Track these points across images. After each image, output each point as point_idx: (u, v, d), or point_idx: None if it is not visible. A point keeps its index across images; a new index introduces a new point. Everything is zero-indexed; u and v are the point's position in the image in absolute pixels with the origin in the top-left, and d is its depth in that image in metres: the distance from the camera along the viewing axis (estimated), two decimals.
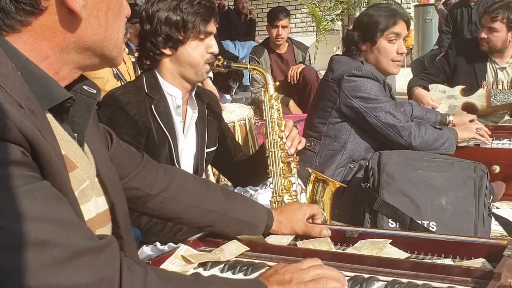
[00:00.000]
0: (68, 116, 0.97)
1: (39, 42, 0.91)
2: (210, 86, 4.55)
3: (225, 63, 1.96)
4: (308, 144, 2.66)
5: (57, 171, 0.85)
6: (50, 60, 0.93)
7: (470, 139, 2.77)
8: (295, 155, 1.90)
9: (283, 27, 5.27)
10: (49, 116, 0.91)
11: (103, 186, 1.08)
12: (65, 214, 0.82)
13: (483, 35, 3.60)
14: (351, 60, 2.66)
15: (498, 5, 3.60)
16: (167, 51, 1.92)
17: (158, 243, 1.85)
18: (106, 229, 1.08)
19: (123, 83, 3.53)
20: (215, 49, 1.96)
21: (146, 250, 1.84)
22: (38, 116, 0.85)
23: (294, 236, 1.50)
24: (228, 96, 6.57)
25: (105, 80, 3.66)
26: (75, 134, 0.98)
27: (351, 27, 2.95)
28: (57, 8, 0.90)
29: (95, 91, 1.03)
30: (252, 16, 8.23)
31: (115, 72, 4.01)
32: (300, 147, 1.92)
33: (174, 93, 1.95)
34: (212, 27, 1.95)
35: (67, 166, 0.91)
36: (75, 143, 0.98)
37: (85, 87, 1.02)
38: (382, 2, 9.16)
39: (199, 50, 1.93)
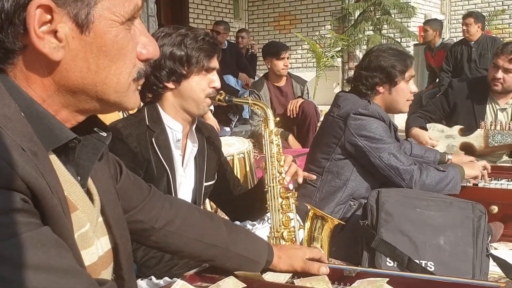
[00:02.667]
0: (74, 158, 0.95)
1: (31, 84, 0.88)
2: (211, 119, 4.58)
3: (226, 97, 1.98)
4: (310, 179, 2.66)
5: (59, 216, 0.83)
6: (47, 103, 0.89)
7: (475, 177, 2.76)
8: (294, 191, 1.90)
9: (287, 58, 5.42)
10: (53, 157, 0.90)
11: (108, 226, 1.06)
12: (65, 262, 0.80)
13: (499, 75, 3.58)
14: (358, 98, 2.67)
15: None
16: (170, 85, 1.94)
17: (153, 277, 1.83)
18: (108, 271, 1.06)
19: (125, 115, 3.53)
20: (217, 84, 1.98)
21: (141, 284, 1.82)
22: (41, 158, 0.83)
23: (291, 274, 1.49)
24: (227, 129, 6.60)
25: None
26: (79, 178, 0.96)
27: (351, 64, 2.97)
28: (34, 49, 0.85)
29: (105, 134, 1.00)
30: (253, 51, 8.32)
31: None
32: (299, 180, 1.92)
33: (174, 126, 1.97)
34: (215, 62, 1.98)
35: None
36: (78, 185, 0.95)
37: (96, 129, 0.99)
38: (382, 40, 9.28)
39: (202, 85, 1.95)
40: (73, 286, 0.80)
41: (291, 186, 1.88)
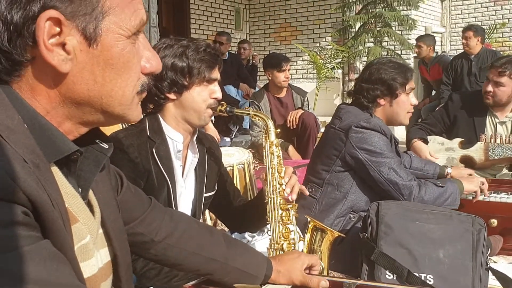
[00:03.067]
0: (75, 170, 0.95)
1: (36, 96, 0.88)
2: (211, 129, 4.58)
3: (228, 108, 1.99)
4: (310, 190, 2.66)
5: (59, 229, 0.83)
6: (51, 115, 0.90)
7: (474, 192, 2.77)
8: (294, 202, 1.90)
9: (288, 70, 5.44)
10: (55, 168, 0.90)
11: (108, 238, 1.06)
12: (63, 276, 0.80)
13: (489, 88, 3.60)
14: (360, 111, 2.68)
15: (506, 60, 3.61)
16: (171, 96, 1.95)
17: None
18: (107, 283, 1.05)
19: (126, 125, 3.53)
20: (218, 94, 1.99)
21: None
22: (43, 170, 0.83)
23: (290, 287, 1.49)
24: (227, 139, 6.60)
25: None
26: (80, 189, 0.96)
27: (351, 76, 2.99)
28: (42, 61, 0.86)
29: (107, 147, 1.01)
30: (254, 62, 8.35)
31: None
32: (293, 197, 1.91)
33: (175, 137, 1.97)
34: (217, 73, 1.98)
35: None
36: (79, 197, 0.95)
37: (98, 141, 1.00)
38: (383, 52, 9.30)
39: (203, 96, 1.96)
40: None
41: (291, 198, 1.88)
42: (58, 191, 0.86)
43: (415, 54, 9.55)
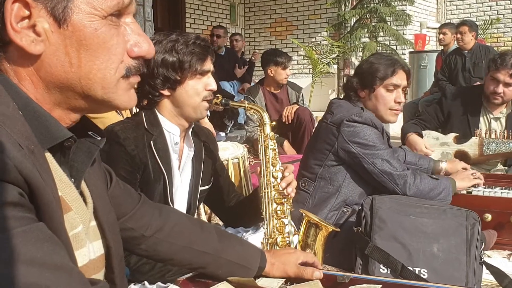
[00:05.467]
0: (68, 160, 0.95)
1: (22, 82, 0.89)
2: (207, 123, 4.57)
3: (223, 101, 1.98)
4: (303, 184, 2.67)
5: (54, 213, 0.83)
6: (40, 102, 0.90)
7: (470, 187, 2.76)
8: (289, 196, 1.90)
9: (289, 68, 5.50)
10: (49, 155, 0.90)
11: (101, 230, 1.06)
12: (58, 258, 0.80)
13: (500, 90, 3.58)
14: (351, 105, 2.69)
15: None
16: (165, 92, 1.94)
17: (146, 283, 1.82)
18: (99, 275, 1.05)
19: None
20: (213, 86, 1.98)
21: None
22: (38, 156, 0.83)
23: (284, 279, 1.49)
24: (222, 134, 6.59)
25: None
26: (72, 180, 0.96)
27: (347, 71, 2.99)
28: (15, 44, 0.86)
29: (99, 138, 1.00)
30: (253, 59, 8.33)
31: None
32: (289, 191, 1.90)
33: (172, 130, 1.96)
34: (209, 65, 1.97)
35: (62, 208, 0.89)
36: (72, 186, 0.96)
37: (90, 132, 0.99)
38: (378, 47, 9.31)
39: (197, 89, 1.95)
40: (65, 283, 0.79)
41: (286, 192, 1.87)
42: (52, 178, 0.86)
43: (411, 49, 9.57)
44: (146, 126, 1.93)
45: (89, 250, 1.00)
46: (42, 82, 0.90)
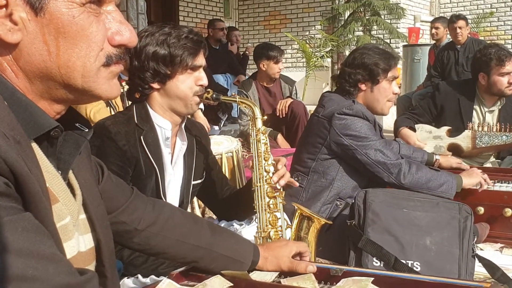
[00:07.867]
0: (55, 152, 0.94)
1: (3, 72, 0.88)
2: (201, 117, 4.57)
3: (214, 95, 1.97)
4: (296, 178, 2.66)
5: (40, 203, 0.83)
6: (24, 92, 0.89)
7: (477, 184, 2.72)
8: (281, 190, 1.90)
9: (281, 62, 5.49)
10: (35, 146, 0.89)
11: (91, 223, 1.06)
12: (45, 248, 0.79)
13: None
14: (342, 98, 2.69)
15: None
16: (155, 85, 1.93)
17: (140, 276, 1.82)
18: (90, 268, 1.04)
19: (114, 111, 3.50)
20: (204, 81, 1.96)
21: (128, 283, 1.81)
22: (24, 146, 0.83)
23: (278, 273, 1.49)
24: (216, 128, 6.59)
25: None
26: (59, 172, 0.95)
27: (341, 64, 2.98)
28: None
29: (87, 129, 0.99)
30: (248, 53, 8.32)
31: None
32: (281, 183, 1.90)
33: (163, 124, 1.95)
34: (201, 60, 1.95)
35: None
36: (59, 177, 0.95)
37: (78, 124, 0.98)
38: (372, 41, 9.31)
39: (188, 83, 1.93)
40: (53, 273, 0.78)
41: (278, 185, 1.88)
42: (39, 169, 0.86)
43: (405, 43, 9.58)
44: (136, 121, 1.92)
45: (78, 242, 1.00)
46: (22, 72, 0.88)
